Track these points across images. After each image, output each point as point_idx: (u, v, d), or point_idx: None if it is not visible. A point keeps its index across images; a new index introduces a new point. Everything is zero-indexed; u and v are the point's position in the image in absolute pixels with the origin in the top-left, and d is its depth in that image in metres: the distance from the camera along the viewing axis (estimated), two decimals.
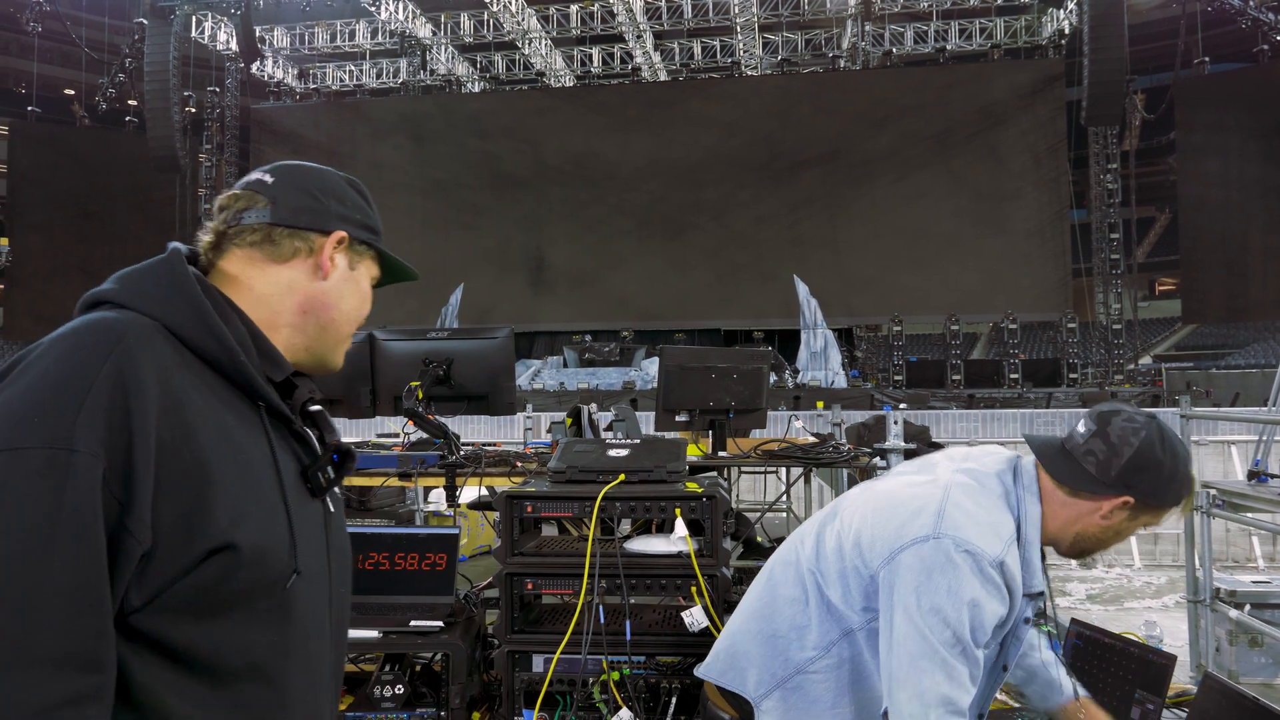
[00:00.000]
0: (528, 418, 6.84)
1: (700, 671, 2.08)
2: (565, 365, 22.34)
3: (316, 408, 1.27)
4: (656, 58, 28.06)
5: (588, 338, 23.37)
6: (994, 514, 1.76)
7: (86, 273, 27.48)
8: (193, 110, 27.08)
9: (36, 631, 0.90)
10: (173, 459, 0.99)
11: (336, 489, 1.27)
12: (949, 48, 25.42)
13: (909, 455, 3.57)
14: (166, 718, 0.99)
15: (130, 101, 28.51)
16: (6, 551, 0.91)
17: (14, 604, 0.90)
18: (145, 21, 24.51)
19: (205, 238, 1.25)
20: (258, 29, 26.24)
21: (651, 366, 21.16)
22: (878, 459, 3.75)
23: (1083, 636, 2.90)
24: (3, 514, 0.92)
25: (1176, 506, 1.79)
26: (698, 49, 27.82)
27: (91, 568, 0.93)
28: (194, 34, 25.55)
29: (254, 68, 27.35)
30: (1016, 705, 2.87)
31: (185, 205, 27.03)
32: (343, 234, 1.28)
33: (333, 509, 1.25)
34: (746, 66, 27.51)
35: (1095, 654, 2.80)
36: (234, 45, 26.31)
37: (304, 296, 1.24)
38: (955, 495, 1.77)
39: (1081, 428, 1.82)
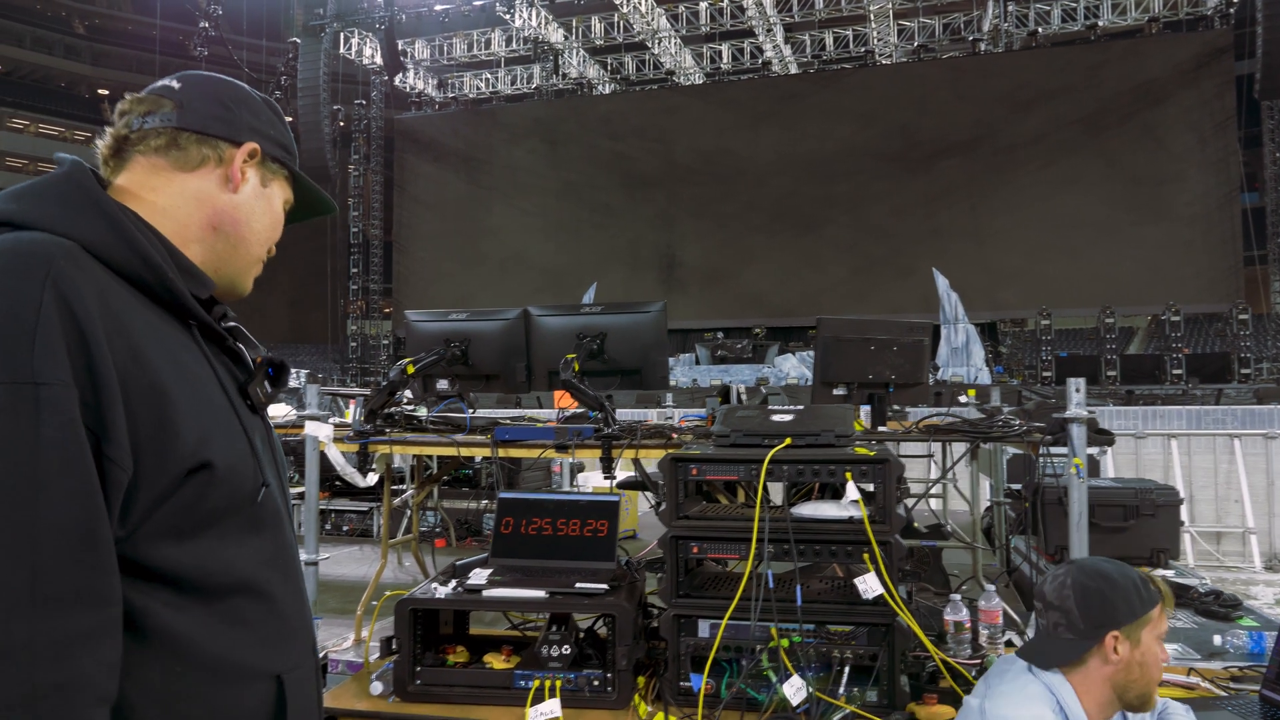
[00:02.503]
0: (666, 411, 6.85)
1: None
2: (698, 362, 22.32)
3: (233, 324, 1.20)
4: (787, 51, 27.68)
5: (720, 335, 23.27)
6: (1033, 709, 1.84)
7: None
8: (342, 124, 28.52)
9: (38, 572, 0.86)
10: (131, 383, 0.94)
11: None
12: (1101, 24, 23.98)
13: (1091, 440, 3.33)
14: (167, 638, 0.97)
15: (286, 117, 30.27)
16: None
17: (10, 547, 0.85)
18: (298, 40, 26.01)
19: (104, 145, 1.14)
20: (400, 42, 27.41)
21: (785, 363, 20.86)
22: (1052, 439, 3.51)
23: None
24: None
25: (1155, 605, 1.90)
26: (829, 40, 27.27)
27: (85, 501, 0.89)
28: (342, 50, 26.91)
29: (397, 80, 28.57)
30: (1223, 693, 2.63)
31: (336, 213, 28.47)
32: (254, 146, 1.19)
33: (270, 423, 1.22)
34: (881, 55, 26.77)
35: None
36: (379, 59, 27.56)
37: (213, 210, 1.15)
38: (991, 709, 1.88)
39: (1040, 616, 1.99)
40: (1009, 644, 2.81)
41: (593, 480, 6.59)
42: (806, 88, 26.48)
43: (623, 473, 3.87)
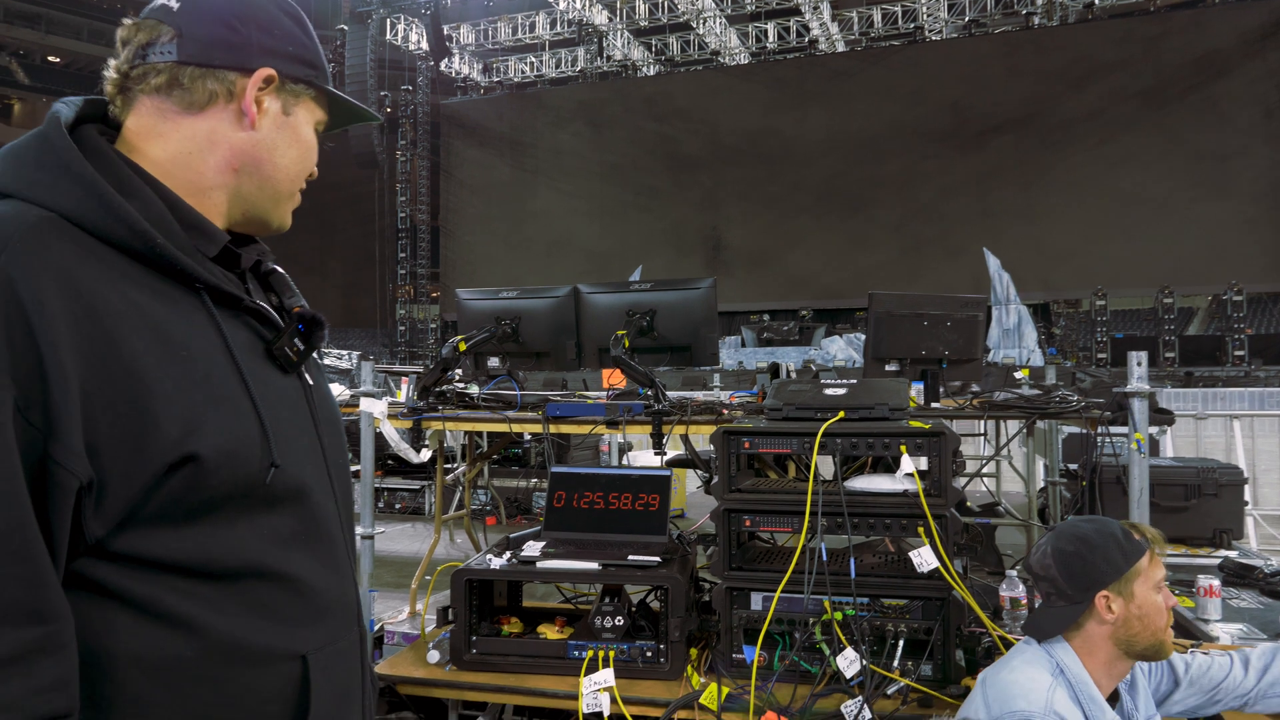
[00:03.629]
0: (713, 392, 6.82)
1: None
2: (744, 345, 22.22)
3: (270, 268, 1.10)
4: (834, 29, 27.26)
5: (766, 317, 23.15)
6: (1028, 671, 1.86)
7: (298, 263, 29.90)
8: (389, 109, 28.80)
9: None
10: (97, 374, 0.85)
11: (314, 357, 1.13)
12: None
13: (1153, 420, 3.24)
14: (176, 622, 0.90)
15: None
16: None
17: None
18: (345, 28, 26.31)
19: (108, 81, 1.03)
20: (445, 27, 27.57)
21: (832, 345, 20.67)
22: (1111, 414, 3.44)
23: None
24: None
25: (1141, 556, 1.87)
26: (878, 16, 26.80)
27: (10, 512, 0.80)
28: (388, 36, 27.15)
29: (442, 65, 28.75)
30: None
31: (384, 199, 28.85)
32: (270, 72, 1.05)
33: (311, 380, 1.11)
34: (931, 31, 26.25)
35: None
36: (424, 45, 27.75)
37: (230, 151, 1.04)
38: (991, 676, 1.91)
39: (1034, 589, 2.04)
40: None
41: (641, 459, 6.61)
42: (854, 66, 26.10)
43: (671, 451, 3.88)
